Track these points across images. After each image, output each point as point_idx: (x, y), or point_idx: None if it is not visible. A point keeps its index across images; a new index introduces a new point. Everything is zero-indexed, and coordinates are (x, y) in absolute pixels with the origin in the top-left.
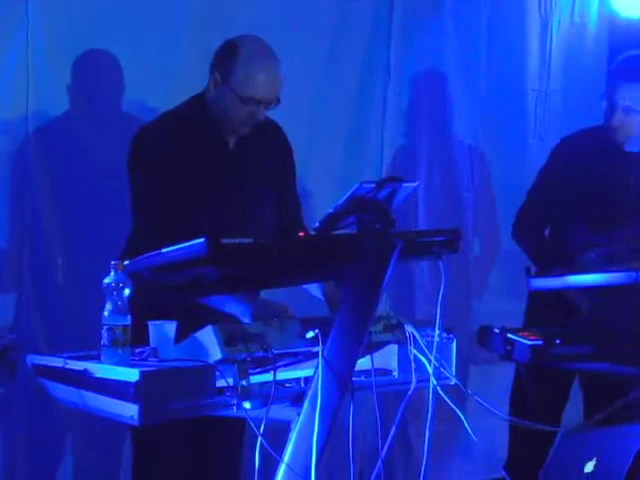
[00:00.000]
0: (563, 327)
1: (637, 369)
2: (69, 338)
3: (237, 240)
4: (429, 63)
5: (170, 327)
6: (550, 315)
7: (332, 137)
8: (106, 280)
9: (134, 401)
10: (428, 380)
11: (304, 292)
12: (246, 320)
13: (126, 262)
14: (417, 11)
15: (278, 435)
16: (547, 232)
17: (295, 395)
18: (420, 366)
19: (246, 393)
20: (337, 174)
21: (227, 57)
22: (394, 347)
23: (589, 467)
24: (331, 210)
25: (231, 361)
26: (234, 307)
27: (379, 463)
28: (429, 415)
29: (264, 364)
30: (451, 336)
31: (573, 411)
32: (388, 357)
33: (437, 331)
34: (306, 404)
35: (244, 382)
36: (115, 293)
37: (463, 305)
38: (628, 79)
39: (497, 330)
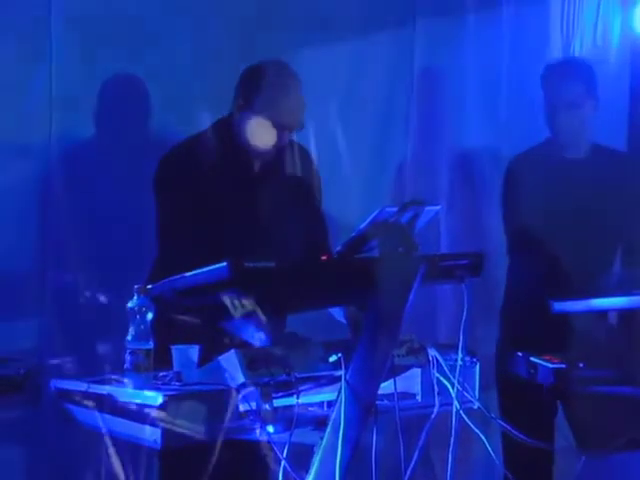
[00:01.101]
0: (586, 351)
1: None
2: (92, 362)
3: (259, 264)
4: (451, 82)
5: (193, 351)
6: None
7: (354, 154)
8: (129, 304)
9: (157, 425)
10: (451, 404)
11: (327, 315)
12: None
13: (149, 286)
14: (439, 28)
15: (301, 459)
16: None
17: (318, 419)
18: (443, 390)
19: (269, 417)
20: (360, 191)
21: (251, 82)
22: (417, 371)
23: None
24: (354, 234)
25: (254, 385)
26: (254, 335)
27: None
28: (452, 439)
29: (287, 388)
30: (474, 360)
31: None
32: (411, 381)
33: (460, 355)
34: (329, 428)
35: (267, 406)
36: (138, 317)
37: (484, 328)
38: (566, 76)
39: (520, 353)
